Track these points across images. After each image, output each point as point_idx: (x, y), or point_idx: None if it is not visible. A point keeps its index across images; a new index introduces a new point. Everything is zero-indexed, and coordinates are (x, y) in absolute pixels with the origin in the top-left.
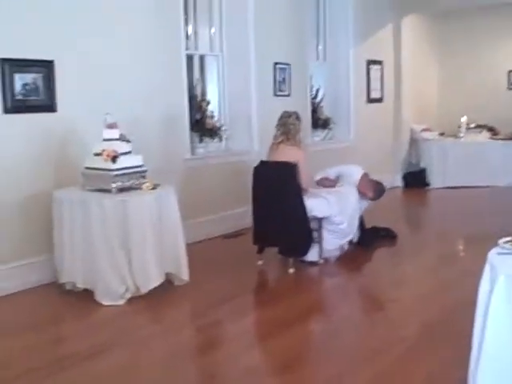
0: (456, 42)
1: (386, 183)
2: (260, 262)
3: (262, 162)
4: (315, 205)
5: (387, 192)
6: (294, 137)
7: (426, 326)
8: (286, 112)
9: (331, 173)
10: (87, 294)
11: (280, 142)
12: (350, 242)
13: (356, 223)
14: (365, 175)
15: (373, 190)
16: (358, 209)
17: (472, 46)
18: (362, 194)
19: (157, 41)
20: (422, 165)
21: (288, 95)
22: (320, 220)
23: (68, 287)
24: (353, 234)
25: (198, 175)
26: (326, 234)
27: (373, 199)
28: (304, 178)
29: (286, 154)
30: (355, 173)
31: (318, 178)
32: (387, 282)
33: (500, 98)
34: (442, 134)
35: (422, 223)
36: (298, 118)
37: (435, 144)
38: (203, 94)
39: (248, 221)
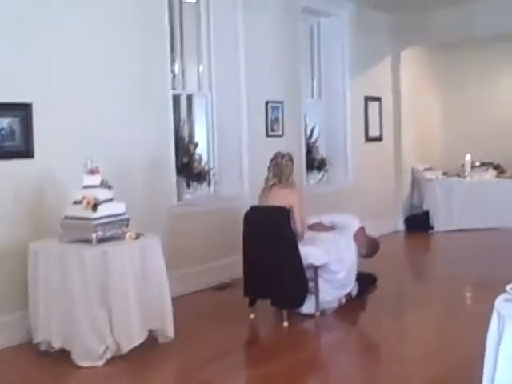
0: (457, 76)
1: (387, 227)
2: (252, 316)
3: (253, 208)
4: (311, 252)
5: (388, 237)
6: (287, 178)
7: (431, 383)
8: (278, 153)
9: (325, 220)
10: (63, 355)
11: (272, 185)
12: (349, 297)
13: (354, 275)
14: (361, 229)
15: (367, 246)
16: (355, 260)
17: (473, 79)
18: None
19: (141, 80)
20: (425, 207)
21: (281, 135)
22: (316, 269)
23: (43, 347)
24: (351, 286)
25: (185, 223)
26: (322, 284)
27: (365, 257)
28: (299, 221)
29: (279, 198)
30: (352, 224)
31: (310, 222)
32: (389, 335)
33: (505, 135)
34: (445, 174)
35: (426, 270)
36: (290, 159)
37: (439, 184)
38: (191, 135)
39: (239, 271)
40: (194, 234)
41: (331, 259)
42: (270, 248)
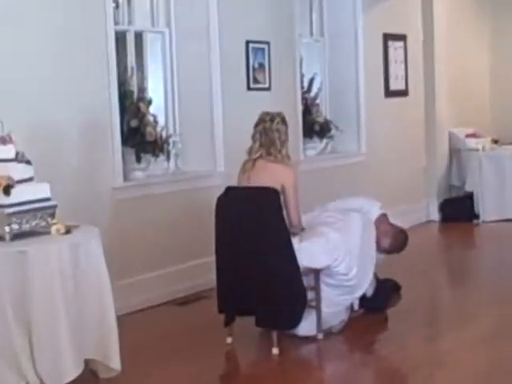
0: None
1: (416, 217)
2: (229, 340)
3: (229, 190)
4: (311, 250)
5: (417, 230)
6: (280, 150)
7: None
8: (266, 114)
9: (333, 208)
10: None
11: (258, 158)
12: (362, 302)
13: (370, 270)
14: (383, 216)
15: (391, 237)
16: (372, 247)
17: None
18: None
19: (70, 12)
20: (468, 188)
21: (267, 88)
22: (317, 272)
23: None
24: (366, 285)
25: (135, 211)
26: (327, 293)
27: (389, 252)
28: (295, 209)
29: (268, 175)
30: (370, 210)
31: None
32: (420, 364)
33: None
34: (495, 142)
35: (469, 274)
36: (283, 121)
37: (486, 157)
38: (141, 89)
39: (211, 278)
40: (147, 226)
41: (338, 256)
42: (253, 246)
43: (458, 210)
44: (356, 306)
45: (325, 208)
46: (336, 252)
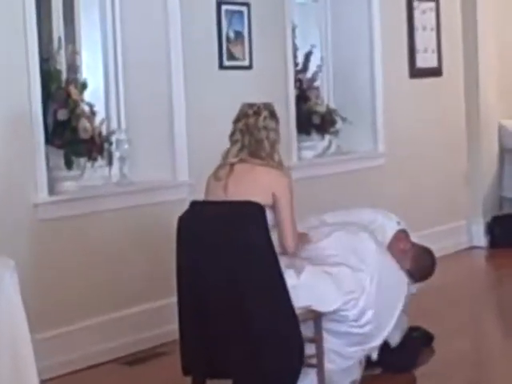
0: None
1: (454, 240)
2: None
3: (195, 206)
4: (314, 286)
5: (457, 259)
6: (271, 154)
7: None
8: (248, 106)
9: (331, 221)
10: None
11: (237, 163)
12: (382, 356)
13: (395, 308)
14: (402, 233)
15: (411, 258)
16: (395, 277)
17: None
18: None
19: None
20: None
21: (248, 67)
22: (319, 318)
23: None
24: (386, 332)
25: (65, 236)
26: (330, 342)
27: (410, 276)
28: (290, 230)
29: (255, 182)
30: (384, 225)
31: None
32: None
33: None
34: None
35: None
36: (273, 115)
37: None
38: (73, 68)
39: (171, 328)
40: (81, 257)
41: (352, 296)
42: (229, 283)
43: None
44: (375, 356)
45: (320, 218)
46: (342, 288)
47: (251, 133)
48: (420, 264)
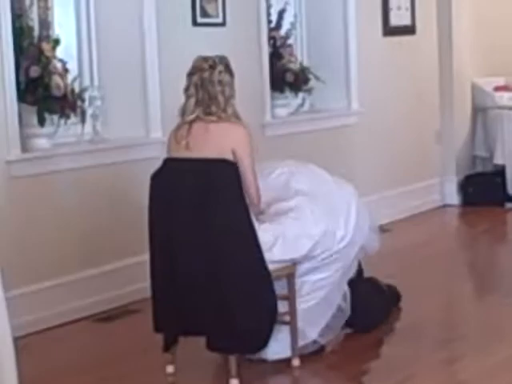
0: None
1: (427, 199)
2: (170, 369)
3: (168, 163)
4: (284, 235)
5: (430, 217)
6: (225, 108)
7: None
8: (203, 60)
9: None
10: None
11: (194, 121)
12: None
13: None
14: None
15: None
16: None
17: None
18: None
19: None
20: (498, 160)
21: (221, 23)
22: (292, 275)
23: None
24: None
25: (38, 193)
26: (304, 297)
27: None
28: (253, 183)
29: (214, 140)
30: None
31: None
32: None
33: None
34: None
35: (497, 278)
36: (228, 69)
37: None
38: (45, 24)
39: (143, 285)
40: (54, 214)
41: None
42: (202, 239)
43: (485, 189)
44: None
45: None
46: (319, 225)
47: (205, 87)
48: None
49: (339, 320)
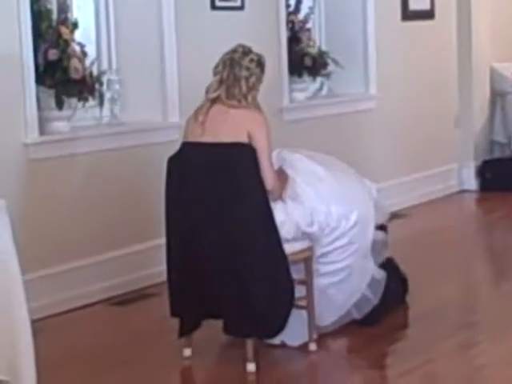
0: None
1: (444, 184)
2: (187, 353)
3: (185, 147)
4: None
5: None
6: (246, 95)
7: None
8: (241, 45)
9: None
10: None
11: (215, 101)
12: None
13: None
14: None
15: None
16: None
17: None
18: None
19: None
20: None
21: (240, 7)
22: (309, 258)
23: None
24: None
25: (56, 176)
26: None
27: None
28: (269, 169)
29: (230, 121)
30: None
31: None
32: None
33: None
34: None
35: None
36: (260, 64)
37: None
38: (63, 7)
39: (160, 269)
40: (72, 197)
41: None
42: (219, 224)
43: (503, 175)
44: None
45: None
46: (329, 199)
47: (233, 68)
48: None
49: (361, 309)
